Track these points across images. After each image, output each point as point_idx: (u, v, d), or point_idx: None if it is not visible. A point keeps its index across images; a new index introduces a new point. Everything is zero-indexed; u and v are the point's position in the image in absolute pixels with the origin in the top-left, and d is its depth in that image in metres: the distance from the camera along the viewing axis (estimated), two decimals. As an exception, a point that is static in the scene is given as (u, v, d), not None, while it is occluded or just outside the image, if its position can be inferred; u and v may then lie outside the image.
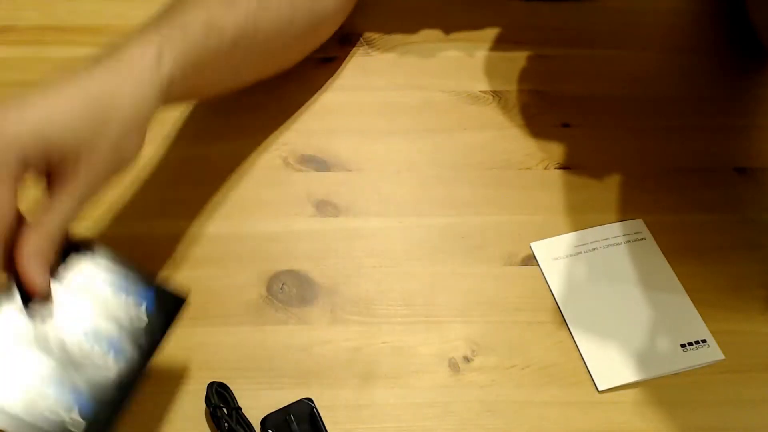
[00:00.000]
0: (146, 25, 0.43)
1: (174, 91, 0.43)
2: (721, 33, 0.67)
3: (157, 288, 0.41)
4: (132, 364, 0.39)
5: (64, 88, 0.38)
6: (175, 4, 0.45)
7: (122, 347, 0.39)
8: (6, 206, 0.36)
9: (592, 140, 0.58)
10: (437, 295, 0.50)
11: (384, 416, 0.44)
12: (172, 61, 0.42)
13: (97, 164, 0.39)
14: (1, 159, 0.35)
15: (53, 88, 0.38)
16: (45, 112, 0.37)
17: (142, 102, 0.40)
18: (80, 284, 0.40)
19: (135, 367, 0.39)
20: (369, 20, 0.66)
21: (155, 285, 0.41)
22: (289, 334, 0.48)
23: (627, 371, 0.46)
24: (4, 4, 0.67)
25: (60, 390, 0.37)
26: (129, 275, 0.40)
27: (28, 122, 0.36)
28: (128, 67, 0.40)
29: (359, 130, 0.59)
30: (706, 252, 0.52)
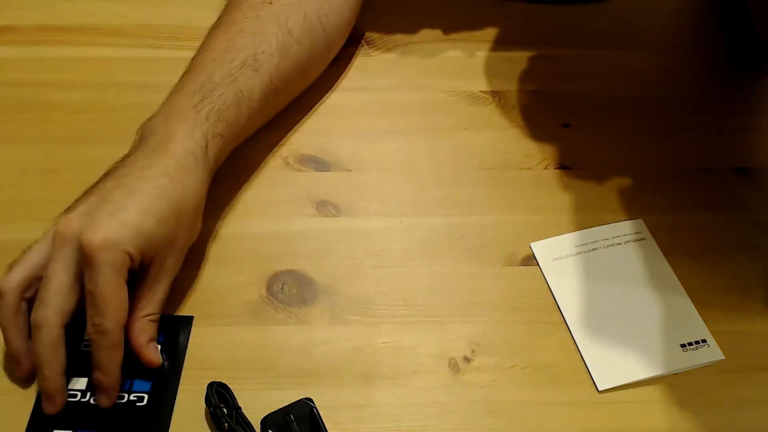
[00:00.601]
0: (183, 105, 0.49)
1: (217, 164, 0.50)
2: (721, 33, 0.67)
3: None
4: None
5: (146, 194, 0.44)
6: (205, 80, 0.50)
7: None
8: (123, 298, 0.42)
9: (592, 140, 0.58)
10: (437, 295, 0.50)
11: (384, 416, 0.44)
12: (215, 147, 0.49)
13: (177, 251, 0.46)
14: (115, 260, 0.41)
15: (137, 194, 0.44)
16: (139, 219, 0.43)
17: (202, 191, 0.48)
18: None
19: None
20: (369, 20, 0.66)
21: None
22: (289, 334, 0.48)
23: (627, 371, 0.46)
24: (3, 4, 0.67)
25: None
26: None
27: (129, 228, 0.42)
28: (182, 165, 0.46)
29: (359, 130, 0.59)
30: (706, 252, 0.52)
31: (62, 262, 0.42)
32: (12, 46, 0.63)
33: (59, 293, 0.42)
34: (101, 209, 0.43)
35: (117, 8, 0.66)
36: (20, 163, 0.55)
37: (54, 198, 0.53)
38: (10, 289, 0.43)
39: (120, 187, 0.44)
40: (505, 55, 0.64)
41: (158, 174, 0.45)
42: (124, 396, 0.44)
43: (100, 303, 0.41)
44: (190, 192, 0.46)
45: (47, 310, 0.41)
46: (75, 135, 0.57)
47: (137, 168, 0.45)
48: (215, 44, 0.53)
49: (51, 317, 0.41)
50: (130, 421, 0.43)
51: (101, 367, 0.42)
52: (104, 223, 0.42)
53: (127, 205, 0.43)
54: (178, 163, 0.46)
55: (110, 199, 0.43)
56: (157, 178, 0.45)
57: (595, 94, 0.61)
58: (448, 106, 0.60)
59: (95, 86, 0.61)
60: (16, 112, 0.59)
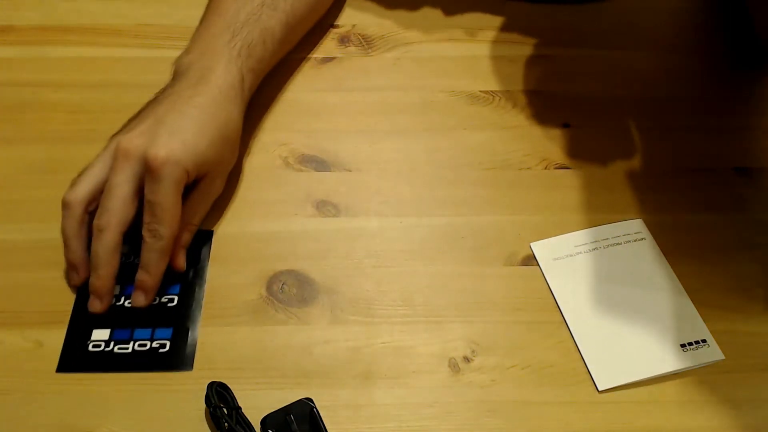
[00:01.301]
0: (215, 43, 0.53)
1: (250, 96, 0.55)
2: (721, 33, 0.67)
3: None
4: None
5: (198, 119, 0.49)
6: (230, 19, 0.54)
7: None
8: (179, 210, 0.47)
9: (592, 140, 0.58)
10: (437, 295, 0.50)
11: (384, 416, 0.44)
12: (249, 81, 0.54)
13: (223, 172, 0.52)
14: (175, 175, 0.46)
15: (191, 119, 0.48)
16: (195, 140, 0.48)
17: (241, 119, 0.52)
18: None
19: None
20: (369, 20, 0.66)
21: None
22: (289, 334, 0.48)
23: (627, 371, 0.46)
24: (3, 4, 0.67)
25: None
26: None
27: (188, 148, 0.47)
28: (226, 95, 0.51)
29: (359, 130, 0.59)
30: (706, 252, 0.52)
31: (125, 175, 0.46)
32: (12, 46, 0.63)
33: (122, 202, 0.46)
34: (160, 130, 0.47)
35: (117, 8, 0.67)
36: (20, 163, 0.56)
37: (54, 198, 0.53)
38: (75, 202, 0.47)
39: (174, 112, 0.49)
40: (505, 55, 0.64)
41: (206, 102, 0.49)
42: (156, 299, 0.49)
43: (159, 212, 0.46)
44: (233, 119, 0.51)
45: (110, 217, 0.46)
46: (75, 135, 0.57)
47: (185, 97, 0.49)
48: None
49: (113, 223, 0.46)
50: (163, 317, 0.48)
51: (148, 268, 0.47)
52: (167, 142, 0.46)
53: (184, 127, 0.48)
54: (222, 93, 0.50)
55: (167, 121, 0.48)
56: (206, 106, 0.49)
57: (595, 94, 0.62)
58: (448, 106, 0.60)
59: (95, 86, 0.61)
60: (16, 112, 0.59)
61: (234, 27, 0.54)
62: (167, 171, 0.46)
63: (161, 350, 0.47)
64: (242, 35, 0.54)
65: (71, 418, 0.44)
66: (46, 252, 0.51)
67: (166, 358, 0.46)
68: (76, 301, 0.48)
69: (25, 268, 0.50)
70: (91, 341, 0.47)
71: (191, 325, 0.48)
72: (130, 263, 0.49)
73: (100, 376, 0.45)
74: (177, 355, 0.46)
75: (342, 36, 0.65)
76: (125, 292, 0.49)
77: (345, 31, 0.66)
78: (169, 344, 0.47)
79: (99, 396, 0.45)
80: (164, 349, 0.47)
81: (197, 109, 0.49)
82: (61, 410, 0.44)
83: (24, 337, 0.47)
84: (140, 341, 0.47)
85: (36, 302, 0.48)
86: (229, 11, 0.55)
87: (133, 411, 0.44)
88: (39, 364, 0.46)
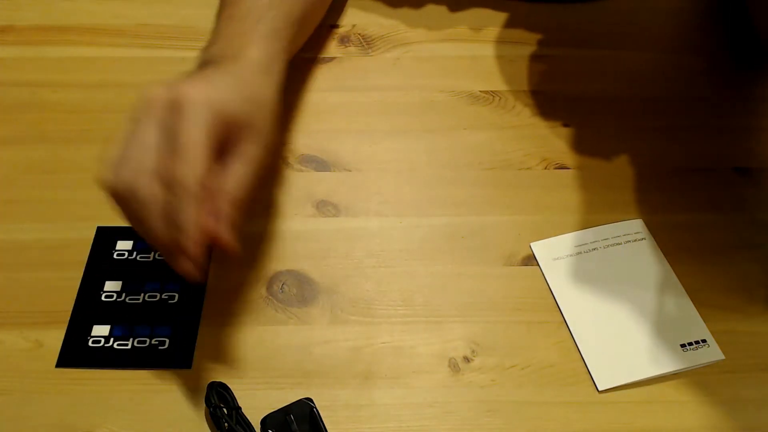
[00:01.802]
0: (241, 28, 0.50)
1: (283, 80, 0.50)
2: (720, 33, 0.67)
3: None
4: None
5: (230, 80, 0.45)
6: (251, 5, 0.51)
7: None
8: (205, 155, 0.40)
9: (592, 140, 0.58)
10: (437, 295, 0.50)
11: (384, 416, 0.44)
12: (279, 63, 0.50)
13: (258, 139, 0.45)
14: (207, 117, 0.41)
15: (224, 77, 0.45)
16: (227, 93, 0.43)
17: (274, 94, 0.48)
18: None
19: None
20: (369, 20, 0.66)
21: None
22: (289, 334, 0.48)
23: (627, 371, 0.46)
24: (3, 4, 0.67)
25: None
26: None
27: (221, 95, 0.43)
28: (258, 71, 0.47)
29: (359, 130, 0.59)
30: (706, 252, 0.52)
31: (151, 124, 0.41)
32: (12, 46, 0.63)
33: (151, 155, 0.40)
34: (193, 77, 0.44)
35: (117, 8, 0.66)
36: (20, 163, 0.55)
37: (54, 198, 0.53)
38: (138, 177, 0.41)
39: (203, 72, 0.45)
40: (506, 55, 0.64)
41: (239, 69, 0.46)
42: (156, 295, 0.49)
43: (182, 150, 0.39)
44: (267, 91, 0.47)
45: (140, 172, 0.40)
46: (75, 135, 0.57)
47: (216, 68, 0.46)
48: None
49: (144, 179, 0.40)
50: (162, 315, 0.48)
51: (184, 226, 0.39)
52: (197, 84, 0.42)
53: (217, 79, 0.44)
54: (256, 68, 0.47)
55: (200, 74, 0.45)
56: (239, 72, 0.46)
57: (595, 94, 0.61)
58: (448, 106, 0.60)
59: (95, 86, 0.61)
60: (16, 112, 0.59)
61: (258, 12, 0.51)
62: (199, 109, 0.41)
63: (160, 347, 0.47)
64: (268, 19, 0.51)
65: (71, 417, 0.44)
66: (46, 252, 0.51)
67: (165, 356, 0.46)
68: (77, 298, 0.48)
69: (25, 268, 0.50)
70: (90, 337, 0.47)
71: (191, 324, 0.48)
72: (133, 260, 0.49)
73: (100, 376, 0.45)
74: (176, 353, 0.46)
75: (342, 36, 0.65)
76: (125, 289, 0.49)
77: (345, 31, 0.66)
78: (169, 342, 0.47)
79: (99, 395, 0.45)
80: (163, 346, 0.47)
81: (230, 74, 0.45)
82: (61, 410, 0.44)
83: (24, 336, 0.47)
84: (140, 338, 0.47)
85: (36, 302, 0.48)
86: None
87: (133, 411, 0.44)
88: (39, 363, 0.46)
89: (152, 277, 0.50)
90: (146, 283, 0.49)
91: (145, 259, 0.50)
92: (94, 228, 0.52)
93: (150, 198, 0.40)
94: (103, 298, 0.49)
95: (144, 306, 0.48)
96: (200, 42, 0.65)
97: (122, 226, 0.51)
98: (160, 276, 0.50)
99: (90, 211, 0.53)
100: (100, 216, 0.52)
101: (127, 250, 0.51)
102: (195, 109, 0.41)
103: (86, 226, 0.52)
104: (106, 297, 0.49)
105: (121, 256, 0.50)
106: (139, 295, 0.49)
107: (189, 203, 0.39)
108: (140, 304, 0.48)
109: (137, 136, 0.41)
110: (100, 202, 0.53)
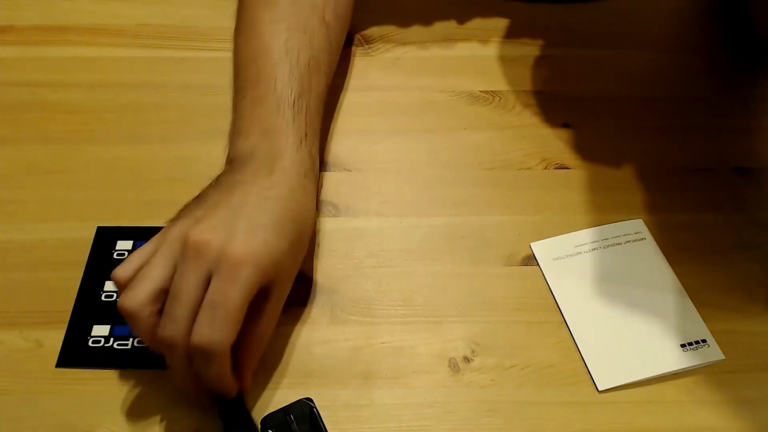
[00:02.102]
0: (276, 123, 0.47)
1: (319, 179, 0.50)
2: (721, 33, 0.67)
3: None
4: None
5: (278, 215, 0.42)
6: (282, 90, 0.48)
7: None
8: (242, 318, 0.40)
9: (592, 140, 0.58)
10: (437, 295, 0.50)
11: (384, 416, 0.44)
12: (316, 162, 0.49)
13: (294, 275, 0.45)
14: (252, 279, 0.39)
15: (270, 214, 0.42)
16: (276, 239, 0.41)
17: (315, 214, 0.47)
18: None
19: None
20: (369, 20, 0.66)
21: None
22: (289, 334, 0.48)
23: (627, 371, 0.46)
24: (3, 4, 0.67)
25: None
26: None
27: (269, 248, 0.41)
28: (302, 185, 0.45)
29: (359, 130, 0.59)
30: (706, 252, 0.52)
31: (196, 277, 0.39)
32: (12, 46, 0.63)
33: (193, 311, 0.39)
34: (238, 224, 0.41)
35: (117, 8, 0.66)
36: (20, 163, 0.55)
37: (54, 198, 0.53)
38: (141, 311, 0.39)
39: (250, 205, 0.42)
40: (505, 55, 0.64)
41: (284, 195, 0.43)
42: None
43: (220, 315, 0.38)
44: (309, 213, 0.46)
45: (180, 328, 0.39)
46: (75, 135, 0.57)
47: (261, 187, 0.43)
48: (272, 45, 0.50)
49: (185, 336, 0.39)
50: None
51: (210, 380, 0.40)
52: (247, 240, 0.40)
53: (264, 223, 0.41)
54: (298, 184, 0.45)
55: (243, 215, 0.41)
56: (285, 200, 0.43)
57: (595, 94, 0.61)
58: (448, 106, 0.60)
59: (95, 86, 0.61)
60: (16, 112, 0.59)
61: (289, 101, 0.47)
62: (246, 273, 0.39)
63: None
64: (302, 111, 0.48)
65: (71, 417, 0.44)
66: (46, 252, 0.51)
67: None
68: (77, 298, 0.48)
69: (25, 268, 0.50)
70: (90, 337, 0.47)
71: None
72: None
73: (100, 376, 0.45)
74: None
75: (342, 36, 0.65)
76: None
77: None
78: None
79: (99, 395, 0.45)
80: None
81: (276, 203, 0.43)
82: (61, 410, 0.44)
83: (24, 336, 0.47)
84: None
85: (36, 302, 0.48)
86: (276, 81, 0.48)
87: (133, 411, 0.44)
88: (38, 364, 0.46)
89: None
90: None
91: (145, 259, 0.50)
92: (94, 228, 0.52)
93: (179, 353, 0.40)
94: (103, 298, 0.48)
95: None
96: (200, 42, 0.66)
97: (122, 226, 0.52)
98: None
99: (90, 211, 0.53)
100: (100, 216, 0.52)
101: (127, 250, 0.50)
102: (241, 272, 0.39)
103: (86, 226, 0.52)
104: (106, 297, 0.49)
105: (121, 256, 0.50)
106: None
107: (217, 365, 0.39)
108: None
109: (180, 285, 0.39)
110: (100, 202, 0.53)
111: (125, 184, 0.54)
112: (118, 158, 0.56)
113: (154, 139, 0.57)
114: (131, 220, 0.52)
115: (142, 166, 0.55)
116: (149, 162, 0.55)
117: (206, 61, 0.62)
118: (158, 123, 0.58)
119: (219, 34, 0.64)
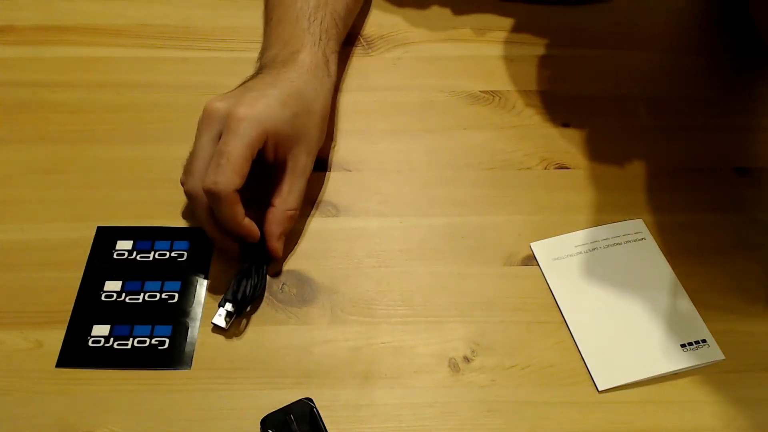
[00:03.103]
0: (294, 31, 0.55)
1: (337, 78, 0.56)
2: (721, 33, 0.67)
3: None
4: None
5: (284, 90, 0.49)
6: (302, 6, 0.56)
7: None
8: (245, 168, 0.46)
9: (592, 140, 0.58)
10: (437, 295, 0.50)
11: (384, 416, 0.44)
12: (333, 62, 0.55)
13: (309, 149, 0.51)
14: (251, 133, 0.46)
15: (277, 88, 0.49)
16: (279, 107, 0.48)
17: (329, 98, 0.54)
18: None
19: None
20: (369, 20, 0.66)
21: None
22: (289, 334, 0.48)
23: (627, 371, 0.46)
24: (3, 4, 0.67)
25: None
26: None
27: (270, 111, 0.47)
28: (314, 73, 0.52)
29: (359, 130, 0.59)
30: (706, 252, 0.52)
31: (209, 136, 0.47)
32: (12, 46, 0.63)
33: (206, 164, 0.46)
34: (247, 94, 0.48)
35: (117, 8, 0.66)
36: (20, 163, 0.55)
37: (54, 198, 0.53)
38: (198, 191, 0.46)
39: (262, 83, 0.50)
40: (506, 55, 0.64)
41: (293, 77, 0.51)
42: (156, 295, 0.49)
43: (223, 162, 0.45)
44: (320, 96, 0.52)
45: (197, 181, 0.46)
46: (75, 135, 0.57)
47: (273, 74, 0.51)
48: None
49: (199, 187, 0.46)
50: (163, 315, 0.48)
51: (225, 222, 0.47)
52: (251, 102, 0.47)
53: (269, 93, 0.48)
54: (309, 72, 0.52)
55: (254, 89, 0.49)
56: (294, 80, 0.50)
57: (595, 94, 0.62)
58: (448, 106, 0.60)
59: (95, 86, 0.61)
60: (16, 112, 0.59)
61: (308, 14, 0.55)
62: (244, 126, 0.46)
63: (160, 347, 0.47)
64: (318, 20, 0.55)
65: (71, 417, 0.44)
66: (46, 252, 0.51)
67: (165, 356, 0.46)
68: (77, 298, 0.48)
69: (25, 268, 0.50)
70: (90, 337, 0.47)
71: (191, 324, 0.48)
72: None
73: (100, 376, 0.45)
74: (176, 353, 0.46)
75: (342, 36, 0.65)
76: (125, 289, 0.49)
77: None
78: (168, 342, 0.47)
79: (99, 395, 0.45)
80: (163, 346, 0.47)
81: (284, 82, 0.50)
82: (61, 410, 0.44)
83: (24, 337, 0.47)
84: (140, 338, 0.47)
85: (36, 302, 0.48)
86: (296, 1, 0.56)
87: (133, 411, 0.44)
88: (39, 364, 0.46)
89: (152, 277, 0.50)
90: (146, 282, 0.49)
91: (145, 258, 0.50)
92: (94, 228, 0.52)
93: (200, 202, 0.47)
94: (103, 298, 0.49)
95: (144, 306, 0.48)
96: (200, 42, 0.66)
97: (122, 226, 0.52)
98: (160, 275, 0.50)
99: (90, 211, 0.53)
100: (100, 216, 0.52)
101: (127, 250, 0.51)
102: (241, 125, 0.46)
103: (86, 226, 0.52)
104: (106, 297, 0.49)
105: (121, 255, 0.50)
106: (139, 295, 0.49)
107: (225, 206, 0.45)
108: (140, 304, 0.48)
109: (197, 146, 0.47)
110: (100, 202, 0.53)
111: (125, 184, 0.54)
112: (118, 158, 0.56)
113: (154, 139, 0.57)
114: (131, 220, 0.52)
115: (142, 166, 0.55)
116: (149, 162, 0.55)
117: (206, 61, 0.62)
118: (158, 123, 0.58)
119: (219, 34, 0.64)
